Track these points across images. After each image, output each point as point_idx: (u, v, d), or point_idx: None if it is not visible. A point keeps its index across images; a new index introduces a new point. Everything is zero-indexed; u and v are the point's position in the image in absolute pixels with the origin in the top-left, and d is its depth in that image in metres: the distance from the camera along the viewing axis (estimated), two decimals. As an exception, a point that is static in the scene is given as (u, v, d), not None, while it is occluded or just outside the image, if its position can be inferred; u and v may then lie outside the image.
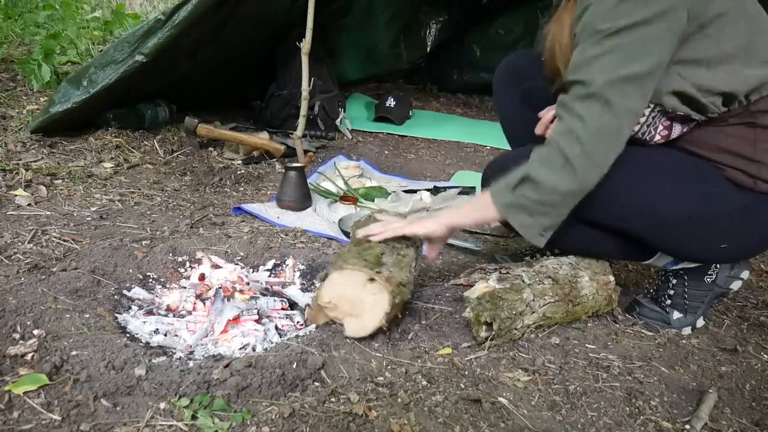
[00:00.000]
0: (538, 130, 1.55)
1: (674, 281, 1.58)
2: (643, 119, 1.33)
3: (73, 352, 1.22)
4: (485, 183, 1.64)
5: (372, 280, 1.32)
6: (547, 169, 1.28)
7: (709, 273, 1.54)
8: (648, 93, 1.25)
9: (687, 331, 1.59)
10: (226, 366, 1.22)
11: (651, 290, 1.67)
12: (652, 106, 1.31)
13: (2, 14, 4.22)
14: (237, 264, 1.74)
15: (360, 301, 1.33)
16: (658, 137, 1.36)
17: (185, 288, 1.60)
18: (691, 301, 1.56)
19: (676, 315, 1.58)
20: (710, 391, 1.34)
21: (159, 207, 2.11)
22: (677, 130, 1.36)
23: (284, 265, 1.75)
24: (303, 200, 2.26)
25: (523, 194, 1.32)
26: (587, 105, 1.23)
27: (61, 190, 2.10)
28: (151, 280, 1.63)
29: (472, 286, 1.50)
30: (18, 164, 2.22)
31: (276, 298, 1.55)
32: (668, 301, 1.59)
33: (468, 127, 3.77)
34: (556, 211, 1.33)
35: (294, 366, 1.23)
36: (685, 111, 1.30)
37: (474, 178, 2.76)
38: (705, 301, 1.57)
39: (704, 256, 1.49)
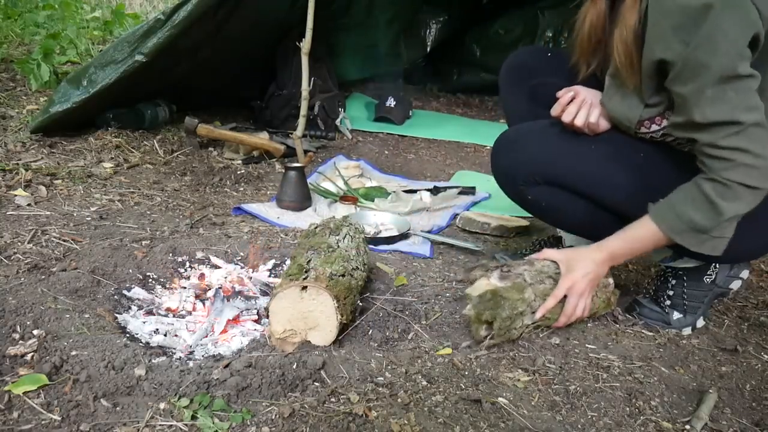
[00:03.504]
0: (555, 111, 1.52)
1: (673, 281, 1.58)
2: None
3: (73, 352, 1.22)
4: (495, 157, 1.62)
5: (304, 288, 1.30)
6: (741, 204, 1.26)
7: (708, 273, 1.54)
8: None
9: (687, 331, 1.59)
10: (226, 366, 1.22)
11: (650, 290, 1.67)
12: None
13: (2, 14, 4.22)
14: (237, 264, 1.74)
15: (308, 312, 1.31)
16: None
17: (185, 288, 1.60)
18: (690, 302, 1.56)
19: (676, 315, 1.58)
20: (710, 391, 1.34)
21: (159, 207, 2.11)
22: None
23: (284, 265, 1.75)
24: (303, 200, 2.26)
25: (721, 234, 1.30)
26: (747, 137, 1.22)
27: (61, 190, 2.10)
28: (151, 280, 1.63)
29: (472, 283, 1.49)
30: (18, 164, 2.21)
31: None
32: (667, 302, 1.59)
33: (468, 127, 3.77)
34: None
35: (294, 366, 1.23)
36: None
37: (474, 178, 2.76)
38: (705, 301, 1.57)
39: (704, 254, 1.49)
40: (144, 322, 1.43)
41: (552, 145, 1.50)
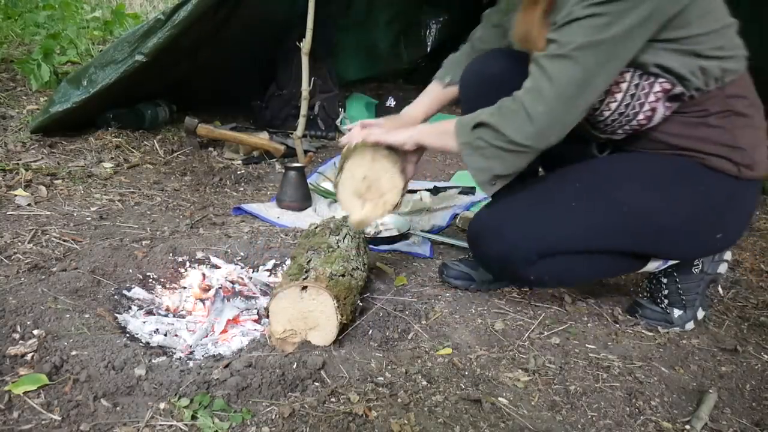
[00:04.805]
0: (343, 140, 1.57)
1: (665, 280, 1.59)
2: (624, 85, 1.31)
3: (73, 352, 1.22)
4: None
5: (304, 288, 1.30)
6: (508, 121, 1.29)
7: (695, 264, 1.57)
8: (621, 58, 1.24)
9: (690, 325, 1.60)
10: (226, 366, 1.22)
11: (646, 292, 1.66)
12: (632, 70, 1.30)
13: (2, 14, 4.22)
14: (237, 264, 1.74)
15: (309, 312, 1.31)
16: (641, 116, 1.33)
17: (186, 288, 1.60)
18: (686, 295, 1.58)
19: (677, 312, 1.59)
20: (710, 391, 1.34)
21: (159, 207, 2.11)
22: (660, 113, 1.33)
23: (284, 265, 1.75)
24: (303, 200, 2.26)
25: (480, 137, 1.33)
26: (559, 64, 1.24)
27: (61, 190, 2.10)
28: (151, 280, 1.63)
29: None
30: (18, 164, 2.21)
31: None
32: (665, 301, 1.59)
33: (468, 127, 3.76)
34: (510, 161, 1.33)
35: (294, 366, 1.23)
36: (669, 79, 1.29)
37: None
38: (699, 291, 1.59)
39: (703, 251, 1.52)
40: (144, 322, 1.43)
41: (533, 219, 1.44)
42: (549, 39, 1.26)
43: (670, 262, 1.56)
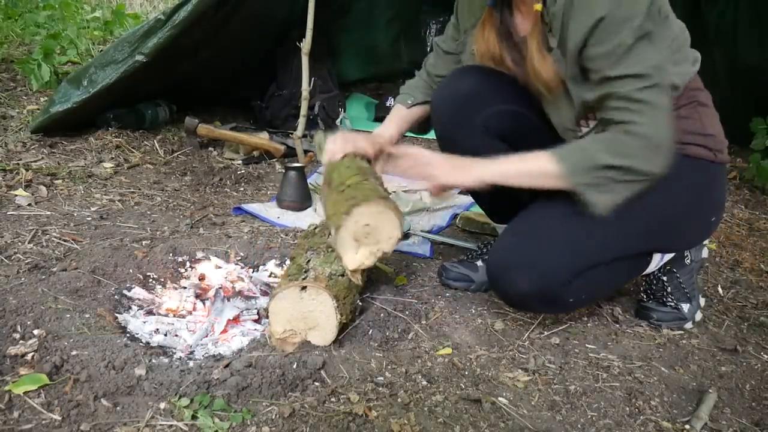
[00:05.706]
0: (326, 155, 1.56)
1: (665, 278, 1.61)
2: None
3: (73, 352, 1.22)
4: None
5: (303, 288, 1.30)
6: (639, 159, 1.27)
7: (685, 255, 1.61)
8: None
9: (699, 315, 1.63)
10: (227, 366, 1.22)
11: (648, 297, 1.66)
12: None
13: (2, 14, 4.22)
14: (237, 264, 1.74)
15: (308, 312, 1.31)
16: None
17: (185, 288, 1.60)
18: (688, 287, 1.61)
19: (686, 306, 1.61)
20: (710, 391, 1.34)
21: (159, 207, 2.12)
22: None
23: (284, 265, 1.75)
24: (303, 200, 2.26)
25: (604, 175, 1.29)
26: (657, 94, 1.25)
27: (62, 190, 2.10)
28: (151, 280, 1.63)
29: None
30: (18, 164, 2.22)
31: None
32: (672, 298, 1.60)
33: (468, 127, 3.76)
34: (633, 188, 1.31)
35: (294, 366, 1.23)
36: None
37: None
38: (694, 281, 1.63)
39: (705, 235, 1.59)
40: (144, 322, 1.43)
41: (560, 239, 1.40)
42: (621, 75, 1.24)
43: (666, 259, 1.57)
